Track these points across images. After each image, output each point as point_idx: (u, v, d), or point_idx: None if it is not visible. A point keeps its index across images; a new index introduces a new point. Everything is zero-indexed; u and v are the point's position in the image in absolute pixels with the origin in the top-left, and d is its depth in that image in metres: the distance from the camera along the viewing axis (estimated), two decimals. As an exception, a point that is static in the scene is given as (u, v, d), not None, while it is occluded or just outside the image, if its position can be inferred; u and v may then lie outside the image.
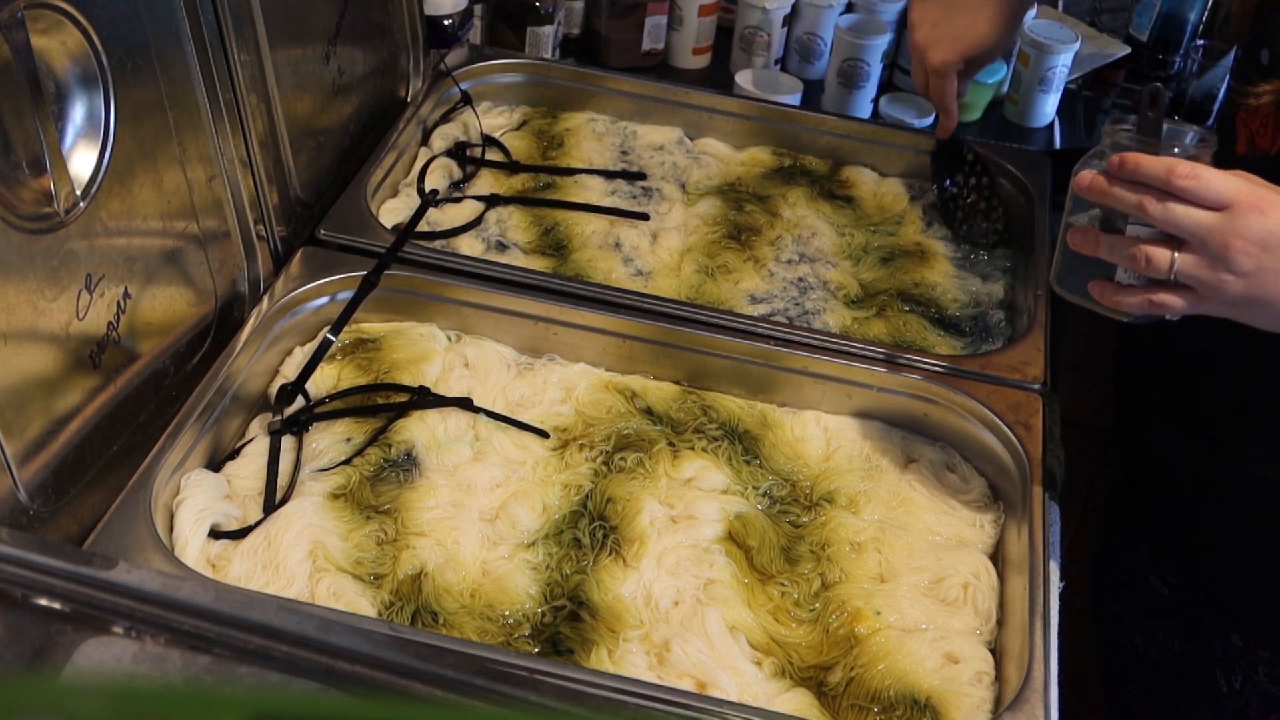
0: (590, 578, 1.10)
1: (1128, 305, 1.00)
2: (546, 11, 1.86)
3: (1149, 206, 0.95)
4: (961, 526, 1.19)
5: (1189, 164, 0.94)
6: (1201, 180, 0.94)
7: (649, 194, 1.58)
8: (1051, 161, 1.63)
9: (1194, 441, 1.23)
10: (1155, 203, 0.95)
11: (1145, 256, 0.97)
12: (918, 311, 1.44)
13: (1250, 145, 1.12)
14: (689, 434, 1.26)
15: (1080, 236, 1.02)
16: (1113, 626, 1.44)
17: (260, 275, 1.27)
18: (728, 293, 1.43)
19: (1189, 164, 0.94)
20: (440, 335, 1.33)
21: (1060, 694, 1.01)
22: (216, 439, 1.17)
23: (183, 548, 1.06)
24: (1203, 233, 0.94)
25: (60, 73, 0.95)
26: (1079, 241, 1.02)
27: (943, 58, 1.46)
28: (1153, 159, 0.95)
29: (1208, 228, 0.94)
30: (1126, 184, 0.97)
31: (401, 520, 1.13)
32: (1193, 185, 0.94)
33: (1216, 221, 0.94)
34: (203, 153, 1.15)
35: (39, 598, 0.67)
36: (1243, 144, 1.13)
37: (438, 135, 1.60)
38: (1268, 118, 1.10)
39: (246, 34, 1.19)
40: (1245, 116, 1.13)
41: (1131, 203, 0.96)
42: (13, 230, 0.91)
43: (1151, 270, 0.97)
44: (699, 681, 1.03)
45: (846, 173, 1.67)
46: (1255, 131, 1.12)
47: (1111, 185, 0.98)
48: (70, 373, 1.00)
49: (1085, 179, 1.00)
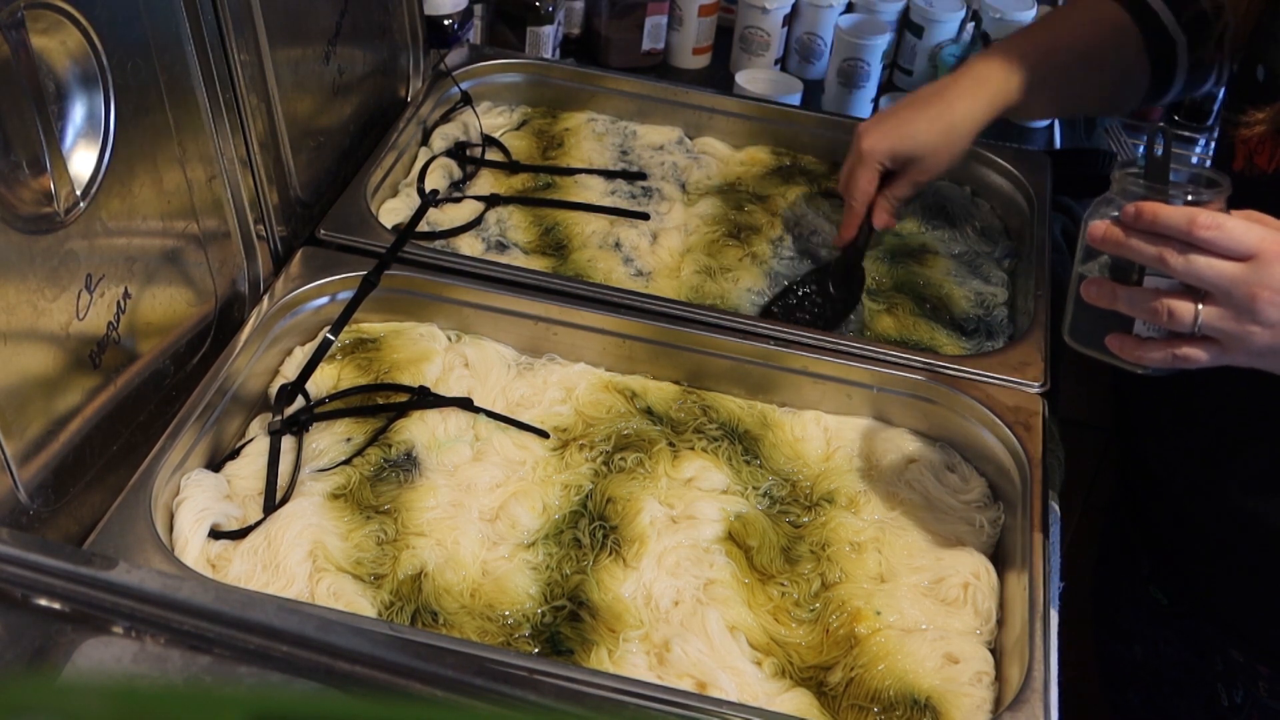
0: (590, 578, 1.10)
1: (1150, 360, 0.96)
2: (546, 11, 1.86)
3: (1170, 259, 0.91)
4: (961, 526, 1.19)
5: (1210, 214, 0.90)
6: (1225, 231, 0.90)
7: (649, 194, 1.58)
8: (1051, 161, 1.63)
9: (1193, 469, 1.23)
10: (1177, 255, 0.91)
11: (1168, 310, 0.93)
12: (924, 310, 1.44)
13: (1248, 163, 1.11)
14: (689, 434, 1.26)
15: (1096, 289, 0.98)
16: (1113, 635, 1.43)
17: (260, 275, 1.27)
18: (728, 292, 1.43)
19: (1210, 214, 0.90)
20: (440, 335, 1.33)
21: (1060, 694, 1.01)
22: (216, 439, 1.17)
23: (183, 548, 1.06)
24: (1228, 284, 0.90)
25: (60, 73, 0.95)
26: (1094, 295, 0.98)
27: (870, 144, 1.35)
28: (1172, 210, 0.91)
29: (1232, 279, 0.90)
30: (1144, 235, 0.93)
31: (401, 520, 1.13)
32: (1216, 236, 0.90)
33: (1242, 273, 0.90)
34: (203, 153, 1.15)
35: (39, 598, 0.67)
36: (1240, 161, 1.12)
37: (438, 135, 1.60)
38: (1265, 137, 1.09)
39: (246, 34, 1.19)
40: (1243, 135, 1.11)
41: (1151, 255, 0.92)
42: (13, 230, 0.91)
43: (1175, 324, 0.93)
44: (699, 681, 1.03)
45: (846, 173, 1.67)
46: (1254, 150, 1.10)
47: (1129, 237, 0.94)
48: (70, 373, 1.00)
49: (1099, 229, 0.96)
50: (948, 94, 1.35)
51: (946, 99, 1.35)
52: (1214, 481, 1.20)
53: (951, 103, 1.34)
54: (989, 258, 1.54)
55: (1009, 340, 1.40)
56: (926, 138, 1.34)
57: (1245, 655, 1.23)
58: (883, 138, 1.35)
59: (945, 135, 1.34)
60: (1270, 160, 1.08)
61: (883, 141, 1.35)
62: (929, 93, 1.37)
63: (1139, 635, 1.37)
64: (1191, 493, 1.24)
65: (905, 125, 1.35)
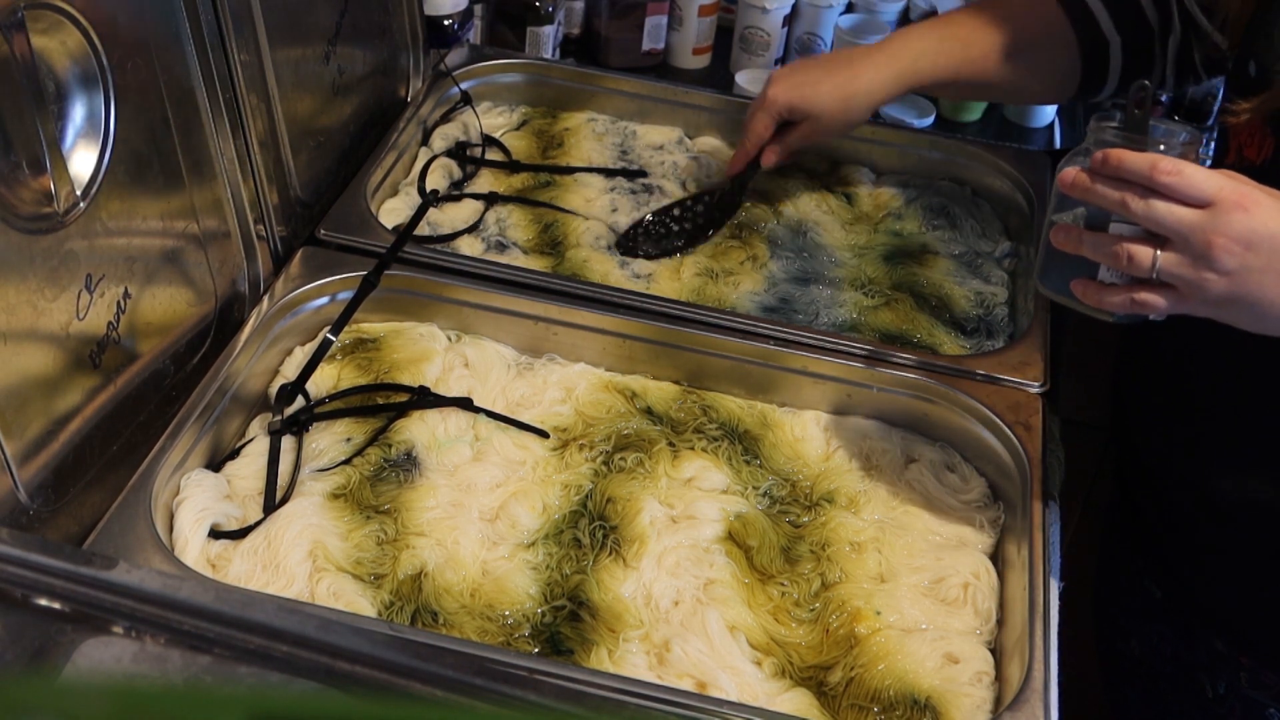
0: (590, 578, 1.10)
1: (1110, 304, 0.98)
2: (546, 11, 1.86)
3: (1131, 203, 0.93)
4: (961, 526, 1.19)
5: (1172, 160, 0.92)
6: (1184, 177, 0.91)
7: (650, 192, 1.58)
8: (1051, 161, 1.63)
9: (1181, 456, 1.23)
10: (1138, 199, 0.93)
11: (1127, 254, 0.95)
12: (925, 309, 1.44)
13: (1238, 155, 1.12)
14: (689, 434, 1.26)
15: (1063, 234, 1.00)
16: (1112, 630, 1.44)
17: (260, 275, 1.27)
18: (727, 296, 1.43)
19: (1172, 160, 0.92)
20: (440, 335, 1.33)
21: (1060, 694, 1.01)
22: (216, 439, 1.17)
23: (183, 548, 1.06)
24: (1185, 230, 0.92)
25: (60, 73, 0.95)
26: (1061, 239, 1.01)
27: (774, 93, 1.43)
28: (1136, 155, 0.93)
29: (1190, 225, 0.92)
30: (1110, 181, 0.95)
31: (401, 520, 1.13)
32: (1175, 182, 0.91)
33: (1199, 219, 0.92)
34: (202, 153, 1.15)
35: (39, 598, 0.67)
36: (1232, 154, 1.13)
37: (438, 135, 1.60)
38: (1254, 129, 1.09)
39: (246, 34, 1.19)
40: (1234, 127, 1.12)
41: (1114, 199, 0.94)
42: (13, 230, 0.91)
43: (1134, 269, 0.95)
44: (699, 681, 1.03)
45: (845, 172, 1.66)
46: (1243, 142, 1.11)
47: (1094, 182, 0.96)
48: (70, 373, 1.00)
49: (1069, 175, 0.98)
50: (857, 65, 1.41)
51: (855, 69, 1.41)
52: (1201, 473, 1.21)
53: (858, 74, 1.41)
54: (989, 258, 1.54)
55: (1009, 340, 1.40)
56: (825, 102, 1.42)
57: (1228, 647, 1.24)
58: (786, 91, 1.43)
59: (843, 104, 1.42)
60: (1259, 152, 1.09)
61: (785, 94, 1.43)
62: (842, 58, 1.44)
63: (1136, 631, 1.38)
64: (1181, 485, 1.24)
65: (809, 85, 1.42)
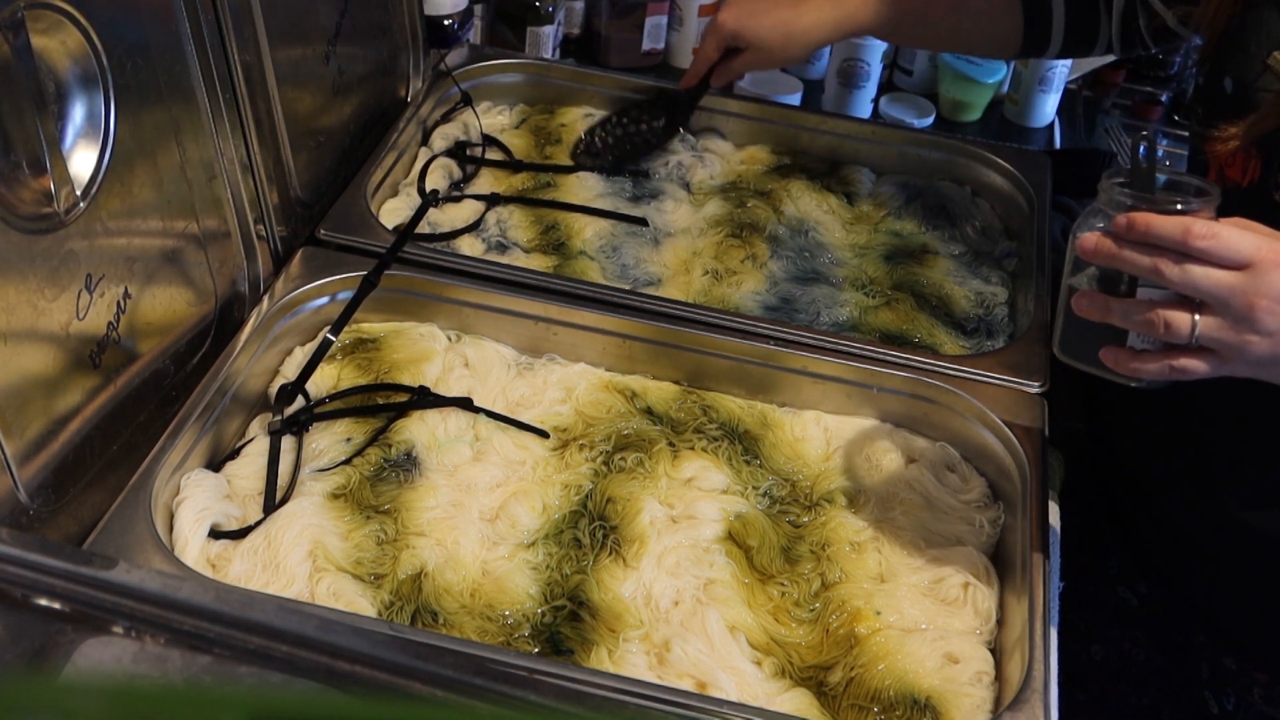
0: (590, 578, 1.10)
1: (1146, 373, 0.94)
2: (546, 11, 1.86)
3: (1166, 270, 0.89)
4: (961, 526, 1.19)
5: (1205, 223, 0.88)
6: (1220, 240, 0.87)
7: (655, 194, 1.58)
8: (1051, 161, 1.63)
9: (1185, 484, 1.22)
10: (1172, 266, 0.88)
11: (1164, 322, 0.90)
12: (926, 309, 1.44)
13: (1220, 175, 1.10)
14: (689, 434, 1.26)
15: (1087, 303, 0.95)
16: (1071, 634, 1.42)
17: (260, 275, 1.27)
18: (732, 293, 1.43)
19: (1205, 223, 0.88)
20: (440, 335, 1.33)
21: (1060, 694, 1.01)
22: (216, 439, 1.17)
23: (183, 548, 1.06)
24: (1225, 294, 0.88)
25: (60, 73, 0.95)
26: (1086, 308, 0.95)
27: (722, 19, 1.51)
28: (1166, 219, 0.89)
29: (1230, 288, 0.88)
30: (1137, 246, 0.91)
31: (401, 520, 1.13)
32: (1212, 246, 0.87)
33: (1239, 282, 0.88)
34: (203, 153, 1.15)
35: (39, 598, 0.67)
36: (1213, 174, 1.11)
37: (438, 135, 1.60)
38: (1237, 151, 1.07)
39: (246, 34, 1.19)
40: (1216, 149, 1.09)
41: (1146, 266, 0.90)
42: (13, 230, 0.91)
43: (1171, 336, 0.91)
44: (699, 681, 1.03)
45: (845, 172, 1.67)
46: (1225, 163, 1.09)
47: (1121, 248, 0.91)
48: (70, 373, 1.00)
49: (1090, 242, 0.93)
50: (803, 5, 1.48)
51: (800, 9, 1.48)
52: (1211, 500, 1.19)
53: (801, 14, 1.47)
54: (989, 258, 1.54)
55: (1009, 340, 1.40)
56: (767, 36, 1.50)
57: (1240, 664, 1.23)
58: (732, 19, 1.51)
59: (783, 40, 1.50)
60: (1244, 173, 1.07)
61: (731, 22, 1.52)
62: None
63: (1100, 635, 1.37)
64: (1187, 511, 1.23)
65: (754, 17, 1.50)
